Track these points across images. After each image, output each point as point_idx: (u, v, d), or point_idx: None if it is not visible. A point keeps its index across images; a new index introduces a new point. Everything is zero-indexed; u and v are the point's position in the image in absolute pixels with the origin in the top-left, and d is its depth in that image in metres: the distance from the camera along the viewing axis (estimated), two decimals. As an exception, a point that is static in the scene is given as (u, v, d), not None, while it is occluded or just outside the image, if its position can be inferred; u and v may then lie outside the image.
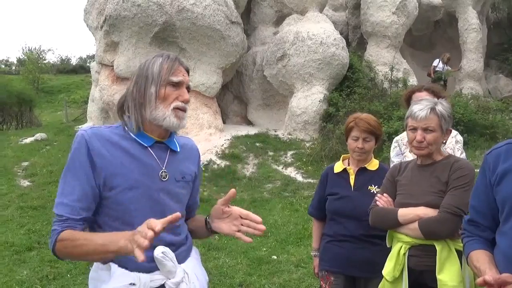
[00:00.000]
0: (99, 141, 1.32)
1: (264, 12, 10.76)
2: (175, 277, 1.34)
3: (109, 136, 1.35)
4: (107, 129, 1.39)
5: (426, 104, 1.85)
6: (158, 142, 1.41)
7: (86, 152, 1.31)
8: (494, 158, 1.39)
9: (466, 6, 11.81)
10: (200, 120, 8.96)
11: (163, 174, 1.38)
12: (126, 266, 1.30)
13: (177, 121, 1.37)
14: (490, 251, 1.39)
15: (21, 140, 10.22)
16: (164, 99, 1.36)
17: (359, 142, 2.18)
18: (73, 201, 1.30)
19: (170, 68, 1.37)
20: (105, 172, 1.31)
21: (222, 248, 4.68)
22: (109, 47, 9.45)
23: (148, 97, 1.36)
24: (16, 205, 6.11)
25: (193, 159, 1.54)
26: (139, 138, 1.38)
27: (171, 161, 1.42)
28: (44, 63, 27.73)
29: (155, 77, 1.36)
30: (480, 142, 7.97)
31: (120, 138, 1.37)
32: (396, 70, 10.22)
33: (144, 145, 1.38)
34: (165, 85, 1.36)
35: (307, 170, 7.85)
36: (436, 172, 1.85)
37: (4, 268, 4.13)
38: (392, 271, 1.82)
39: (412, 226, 1.78)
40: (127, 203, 1.31)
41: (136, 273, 1.30)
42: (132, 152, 1.35)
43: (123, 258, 1.28)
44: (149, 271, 1.32)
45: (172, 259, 1.33)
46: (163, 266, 1.32)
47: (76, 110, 17.43)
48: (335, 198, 2.23)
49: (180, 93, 1.39)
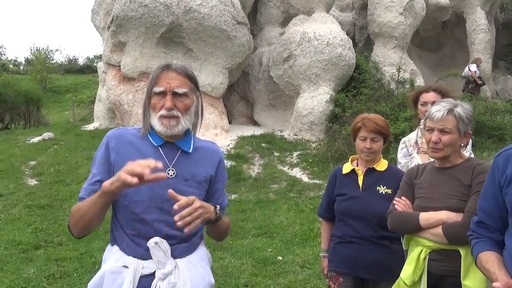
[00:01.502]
0: (117, 140, 1.53)
1: (271, 13, 10.76)
2: (164, 268, 1.45)
3: (127, 136, 1.55)
4: (129, 130, 1.59)
5: (445, 105, 1.81)
6: (169, 143, 1.53)
7: (105, 149, 1.52)
8: (504, 159, 1.38)
9: (474, 7, 11.73)
10: (206, 121, 8.97)
11: (169, 172, 1.49)
12: (125, 250, 1.48)
13: (163, 128, 1.48)
14: (499, 253, 1.37)
15: (29, 140, 10.30)
16: (154, 108, 1.50)
17: (367, 143, 2.16)
18: (90, 184, 1.50)
19: (155, 80, 1.50)
20: (117, 165, 1.46)
21: (227, 248, 4.68)
22: (116, 47, 9.50)
23: (146, 106, 1.54)
24: (24, 204, 6.16)
25: (210, 160, 1.61)
26: (151, 137, 1.53)
27: (181, 160, 1.53)
28: (52, 63, 28.01)
29: (148, 89, 1.52)
30: (488, 143, 7.90)
31: (136, 138, 1.54)
32: (403, 70, 10.17)
33: (155, 145, 1.52)
34: (152, 96, 1.50)
35: (313, 171, 7.83)
36: (457, 175, 1.80)
37: (11, 267, 4.16)
38: (412, 275, 1.79)
39: (435, 231, 1.74)
40: (131, 194, 1.46)
41: (132, 258, 1.45)
42: (143, 151, 1.51)
43: (124, 241, 1.48)
44: (144, 258, 1.46)
45: (165, 251, 1.46)
46: (154, 255, 1.45)
47: (83, 109, 17.53)
48: (343, 198, 2.22)
49: (164, 101, 1.48)
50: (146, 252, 1.45)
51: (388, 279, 2.05)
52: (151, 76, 1.52)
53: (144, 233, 1.46)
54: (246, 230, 5.30)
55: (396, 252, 2.13)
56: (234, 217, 5.84)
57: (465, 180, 1.77)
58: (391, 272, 2.06)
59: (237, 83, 10.77)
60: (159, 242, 1.45)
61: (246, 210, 6.16)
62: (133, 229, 1.47)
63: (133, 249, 1.46)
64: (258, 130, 9.74)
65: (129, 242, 1.47)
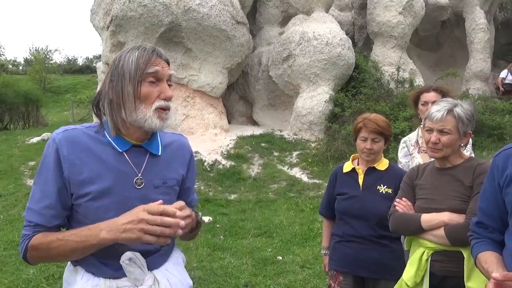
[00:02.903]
0: (70, 147, 1.23)
1: (270, 12, 10.75)
2: (142, 284, 1.26)
3: (82, 140, 1.25)
4: (82, 129, 1.28)
5: (444, 105, 1.79)
6: (136, 146, 1.29)
7: (55, 159, 1.22)
8: (503, 159, 1.37)
9: (473, 6, 11.73)
10: (205, 120, 8.97)
11: (137, 182, 1.26)
12: (93, 272, 1.25)
13: (160, 122, 1.24)
14: (499, 253, 1.37)
15: (28, 140, 10.29)
16: (145, 98, 1.22)
17: (368, 143, 2.16)
18: (42, 208, 1.23)
19: (146, 62, 1.22)
20: (75, 180, 1.22)
21: (227, 248, 4.67)
22: (115, 47, 9.48)
23: (125, 97, 1.22)
24: (23, 204, 6.15)
25: (181, 159, 1.41)
26: (115, 142, 1.26)
27: (150, 166, 1.30)
28: (51, 63, 28.02)
29: (132, 74, 1.21)
30: (487, 143, 7.91)
31: (94, 142, 1.26)
32: (403, 70, 10.17)
33: (119, 150, 1.26)
34: (142, 82, 1.22)
35: (312, 170, 7.83)
36: (458, 176, 1.79)
37: (10, 267, 4.15)
38: (414, 276, 1.77)
39: (438, 232, 1.72)
40: (99, 211, 1.22)
41: (102, 279, 1.24)
42: (104, 159, 1.24)
43: (90, 263, 1.24)
44: (116, 278, 1.25)
45: (141, 266, 1.26)
46: (129, 273, 1.24)
47: (83, 110, 17.54)
48: (343, 198, 2.22)
49: (162, 90, 1.25)
50: (116, 271, 1.24)
51: (388, 278, 2.06)
52: (135, 60, 1.22)
53: (112, 252, 1.22)
54: (245, 230, 5.29)
55: (395, 251, 2.14)
56: (234, 217, 5.84)
57: (467, 181, 1.75)
58: (391, 271, 2.06)
59: (237, 83, 10.76)
60: (134, 258, 1.23)
61: (246, 210, 6.15)
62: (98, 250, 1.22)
63: (101, 270, 1.24)
64: (258, 130, 9.74)
65: (94, 262, 1.24)
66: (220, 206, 6.41)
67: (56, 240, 1.19)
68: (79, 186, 1.22)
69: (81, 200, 1.23)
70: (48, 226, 1.24)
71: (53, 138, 1.25)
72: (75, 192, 1.23)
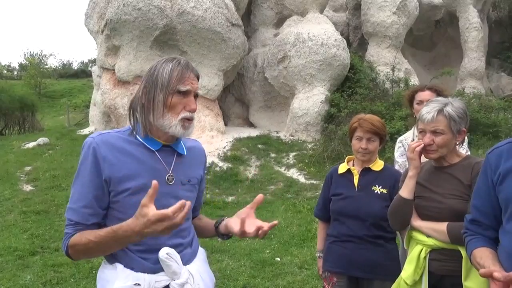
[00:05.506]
0: (107, 148, 1.34)
1: (265, 14, 10.78)
2: (180, 278, 1.37)
3: (117, 142, 1.37)
4: (115, 134, 1.40)
5: (434, 106, 1.79)
6: (165, 146, 1.42)
7: (93, 160, 1.32)
8: (496, 157, 1.37)
9: (466, 5, 11.80)
10: (202, 123, 8.97)
11: (169, 178, 1.40)
12: (132, 267, 1.34)
13: (183, 130, 1.37)
14: (494, 249, 1.37)
15: (24, 145, 10.25)
16: (172, 107, 1.35)
17: (363, 143, 2.17)
18: (81, 207, 1.33)
19: (180, 77, 1.35)
20: (113, 178, 1.33)
21: (225, 250, 4.67)
22: (110, 51, 9.47)
23: (155, 104, 1.35)
24: (19, 210, 6.12)
25: (200, 162, 1.56)
26: (147, 142, 1.39)
27: (178, 164, 1.44)
28: (46, 68, 27.85)
29: (164, 85, 1.34)
30: (483, 141, 7.95)
31: (128, 143, 1.38)
32: (398, 70, 10.21)
33: (152, 149, 1.39)
34: (172, 94, 1.35)
35: (309, 171, 7.83)
36: (457, 175, 1.79)
37: (7, 273, 4.13)
38: (413, 274, 1.77)
39: (439, 227, 1.73)
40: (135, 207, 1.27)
41: (141, 274, 1.33)
42: (139, 157, 1.37)
43: (130, 258, 1.35)
44: (154, 272, 1.35)
45: (177, 260, 1.36)
46: (167, 267, 1.35)
47: (78, 114, 17.47)
48: (339, 198, 2.22)
49: (188, 102, 1.37)
50: (154, 265, 1.35)
51: (382, 278, 2.06)
52: (168, 72, 1.35)
53: (151, 246, 1.35)
54: (243, 232, 5.28)
55: (390, 251, 2.14)
56: (231, 219, 5.83)
57: (465, 180, 1.75)
58: (385, 271, 2.06)
59: (232, 85, 10.77)
60: (171, 253, 1.35)
61: (243, 212, 6.15)
62: (138, 244, 1.33)
63: (141, 264, 1.34)
64: (254, 132, 9.74)
65: (134, 257, 1.35)
66: (217, 208, 6.41)
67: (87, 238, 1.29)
68: (118, 183, 1.33)
69: (120, 196, 1.34)
70: (87, 224, 1.33)
71: (89, 142, 1.35)
72: (114, 189, 1.33)
